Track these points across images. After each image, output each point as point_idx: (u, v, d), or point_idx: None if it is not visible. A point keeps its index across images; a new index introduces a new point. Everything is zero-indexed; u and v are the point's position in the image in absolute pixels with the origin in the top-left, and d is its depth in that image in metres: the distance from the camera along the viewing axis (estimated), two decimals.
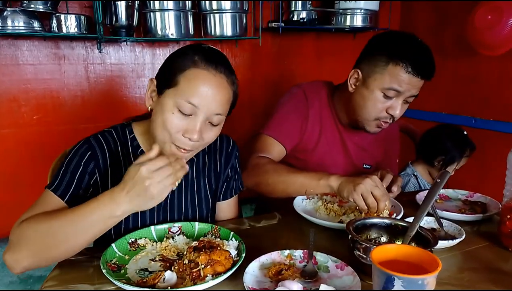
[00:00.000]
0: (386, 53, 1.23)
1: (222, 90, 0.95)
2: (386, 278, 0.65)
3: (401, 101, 1.27)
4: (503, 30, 2.02)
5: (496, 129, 2.37)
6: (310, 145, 1.44)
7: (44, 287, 0.85)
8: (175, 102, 0.92)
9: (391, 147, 1.60)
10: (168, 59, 1.00)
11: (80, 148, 1.01)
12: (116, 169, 1.03)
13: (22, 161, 2.17)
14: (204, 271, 0.83)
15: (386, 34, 1.32)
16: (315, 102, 1.44)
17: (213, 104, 0.94)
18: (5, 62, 2.08)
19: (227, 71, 0.96)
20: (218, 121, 0.98)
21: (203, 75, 0.93)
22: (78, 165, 0.98)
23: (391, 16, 2.79)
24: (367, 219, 0.97)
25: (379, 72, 1.24)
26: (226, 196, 1.21)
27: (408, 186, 2.00)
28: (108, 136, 1.05)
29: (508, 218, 1.03)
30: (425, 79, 1.24)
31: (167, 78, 0.95)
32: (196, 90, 0.92)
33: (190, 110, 0.92)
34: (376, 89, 1.26)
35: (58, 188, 0.95)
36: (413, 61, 1.20)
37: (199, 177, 1.15)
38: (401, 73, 1.21)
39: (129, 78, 2.38)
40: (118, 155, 1.04)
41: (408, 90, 1.24)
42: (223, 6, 2.20)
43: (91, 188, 1.00)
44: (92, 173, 1.00)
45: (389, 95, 1.26)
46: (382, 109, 1.28)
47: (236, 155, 1.21)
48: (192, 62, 0.93)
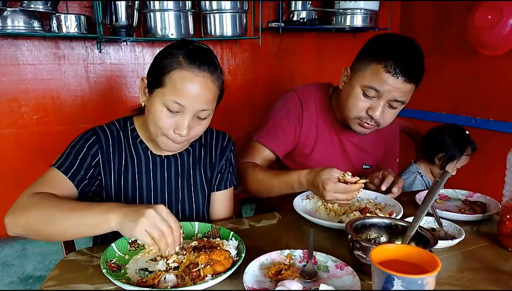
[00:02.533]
0: (373, 52, 1.23)
1: (206, 89, 1.01)
2: (386, 278, 0.65)
3: (383, 104, 1.24)
4: (503, 30, 2.02)
5: (496, 129, 2.37)
6: (306, 149, 1.44)
7: (44, 287, 0.85)
8: (163, 102, 1.00)
9: (391, 146, 1.60)
10: (155, 59, 1.07)
11: (85, 133, 1.11)
12: (118, 154, 1.12)
13: (22, 161, 2.17)
14: (204, 271, 0.83)
15: (382, 36, 1.31)
16: (310, 106, 1.44)
17: (199, 103, 1.01)
18: (5, 62, 2.08)
19: (211, 68, 1.02)
20: (205, 116, 1.05)
21: (187, 76, 0.99)
22: (82, 147, 1.07)
23: (391, 16, 2.79)
24: (366, 219, 0.98)
25: (362, 70, 1.24)
26: (220, 187, 1.25)
27: (415, 184, 2.01)
28: (112, 127, 1.14)
29: (507, 218, 1.03)
30: (408, 83, 1.20)
31: (155, 78, 1.02)
32: (181, 91, 0.99)
33: (178, 109, 1.00)
34: (357, 86, 1.26)
35: (62, 165, 1.04)
36: (395, 61, 1.17)
37: (195, 167, 1.21)
38: (382, 72, 1.19)
39: (129, 78, 2.38)
40: (121, 141, 1.13)
41: (389, 92, 1.21)
42: (223, 6, 2.20)
43: (92, 168, 1.08)
44: (94, 155, 1.08)
45: (368, 95, 1.24)
46: (363, 108, 1.27)
47: (231, 149, 1.26)
48: (177, 63, 1.00)
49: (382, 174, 1.31)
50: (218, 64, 1.06)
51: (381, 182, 1.28)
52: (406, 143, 2.24)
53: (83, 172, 1.05)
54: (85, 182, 1.06)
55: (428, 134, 2.06)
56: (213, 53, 1.07)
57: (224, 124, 1.16)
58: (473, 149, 2.02)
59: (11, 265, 2.20)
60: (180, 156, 1.19)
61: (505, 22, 2.00)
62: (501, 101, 2.35)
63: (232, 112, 2.56)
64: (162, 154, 1.17)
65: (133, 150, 1.14)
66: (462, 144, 1.96)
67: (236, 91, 2.60)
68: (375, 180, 1.33)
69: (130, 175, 1.13)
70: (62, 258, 0.98)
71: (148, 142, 1.16)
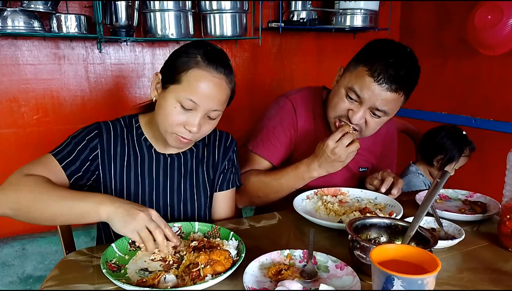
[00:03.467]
0: (364, 55, 1.22)
1: (221, 90, 1.04)
2: (386, 278, 0.65)
3: (363, 110, 1.21)
4: (503, 30, 2.02)
5: (496, 129, 2.37)
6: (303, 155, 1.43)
7: (44, 287, 0.85)
8: (178, 98, 1.02)
9: (389, 148, 1.58)
10: (173, 55, 1.07)
11: (89, 126, 1.12)
12: (121, 151, 1.13)
13: (22, 161, 2.15)
14: (204, 271, 0.83)
15: (381, 40, 1.28)
16: (304, 112, 1.42)
17: (212, 102, 1.03)
18: (5, 62, 2.08)
19: (227, 71, 1.05)
20: (216, 116, 1.08)
21: (204, 76, 1.01)
22: (82, 139, 1.09)
23: (391, 16, 2.79)
24: (366, 219, 0.98)
25: (350, 71, 1.24)
26: (223, 187, 1.25)
27: (416, 186, 2.00)
28: (117, 123, 1.16)
29: (508, 218, 1.03)
30: (392, 92, 1.16)
31: (171, 74, 1.03)
32: (197, 90, 1.01)
33: (191, 106, 1.02)
34: (342, 87, 1.25)
35: (59, 153, 1.05)
36: (381, 67, 1.14)
37: (198, 166, 1.22)
38: (365, 77, 1.17)
39: (129, 78, 2.38)
40: (124, 138, 1.14)
41: (370, 98, 1.17)
42: (223, 6, 2.20)
43: (88, 161, 1.08)
44: (93, 148, 1.09)
45: (351, 97, 1.21)
46: (343, 109, 1.24)
47: (234, 149, 1.27)
48: (195, 62, 1.01)
49: (382, 175, 1.31)
50: (232, 68, 1.08)
51: (380, 184, 1.28)
52: (406, 144, 2.24)
53: (78, 163, 1.06)
54: (79, 174, 1.06)
55: (426, 136, 2.06)
56: (227, 56, 1.09)
57: (224, 125, 1.16)
58: (471, 149, 2.02)
59: (11, 265, 2.20)
60: (184, 155, 1.20)
61: (505, 22, 2.00)
62: (501, 101, 2.35)
63: (232, 112, 2.56)
64: (166, 152, 1.17)
65: (137, 147, 1.15)
66: (460, 146, 1.96)
67: (236, 91, 2.59)
68: (375, 181, 1.33)
69: (133, 172, 1.13)
70: (62, 258, 0.98)
71: (153, 140, 1.16)
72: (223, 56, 1.07)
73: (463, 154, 1.97)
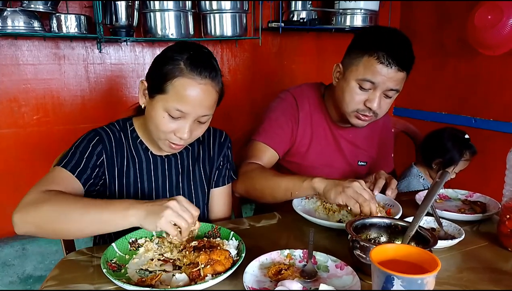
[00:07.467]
0: (362, 46, 1.26)
1: (207, 95, 1.03)
2: (386, 278, 0.65)
3: (379, 94, 1.26)
4: (503, 30, 2.02)
5: (496, 129, 2.37)
6: (302, 148, 1.45)
7: (44, 287, 0.85)
8: (165, 108, 1.01)
9: (385, 141, 1.61)
10: (155, 63, 1.07)
11: (88, 134, 1.11)
12: (120, 155, 1.13)
13: (22, 161, 2.17)
14: (204, 270, 0.84)
15: (368, 29, 1.34)
16: (305, 105, 1.45)
17: (200, 109, 1.03)
18: (5, 62, 2.08)
19: (212, 74, 1.03)
20: (206, 120, 1.08)
21: (189, 83, 1.00)
22: (87, 147, 1.08)
23: (391, 16, 2.79)
24: (366, 219, 0.98)
25: (355, 64, 1.27)
26: (219, 183, 1.27)
27: (416, 188, 1.98)
28: (113, 127, 1.15)
29: (507, 218, 1.03)
30: (401, 71, 1.23)
31: (156, 84, 1.03)
32: (183, 99, 1.00)
33: (179, 115, 1.02)
34: (352, 81, 1.28)
35: (68, 164, 1.04)
36: (385, 51, 1.20)
37: (194, 164, 1.24)
38: (375, 64, 1.22)
39: (129, 78, 2.37)
40: (122, 142, 1.14)
41: (383, 82, 1.23)
42: (223, 6, 2.19)
43: (97, 167, 1.08)
44: (99, 154, 1.09)
45: (364, 87, 1.26)
46: (360, 101, 1.29)
47: (229, 145, 1.28)
48: (179, 70, 1.00)
49: (375, 177, 1.30)
50: (218, 68, 1.06)
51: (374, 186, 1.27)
52: (406, 144, 2.24)
53: (89, 171, 1.06)
54: (91, 181, 1.07)
55: (427, 139, 2.04)
56: (212, 56, 1.08)
57: (224, 125, 1.16)
58: (472, 153, 1.99)
59: (11, 265, 2.20)
60: (180, 154, 1.21)
61: (505, 22, 2.00)
62: (501, 101, 2.35)
63: (232, 112, 2.56)
64: (162, 154, 1.18)
65: (134, 151, 1.15)
66: (460, 150, 1.94)
67: (236, 91, 2.60)
68: (368, 184, 1.32)
69: (132, 175, 1.14)
70: (62, 258, 0.98)
71: (148, 143, 1.17)
72: (207, 59, 1.04)
73: (464, 157, 1.96)
